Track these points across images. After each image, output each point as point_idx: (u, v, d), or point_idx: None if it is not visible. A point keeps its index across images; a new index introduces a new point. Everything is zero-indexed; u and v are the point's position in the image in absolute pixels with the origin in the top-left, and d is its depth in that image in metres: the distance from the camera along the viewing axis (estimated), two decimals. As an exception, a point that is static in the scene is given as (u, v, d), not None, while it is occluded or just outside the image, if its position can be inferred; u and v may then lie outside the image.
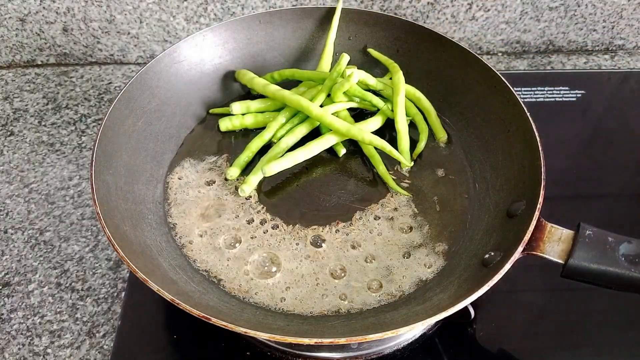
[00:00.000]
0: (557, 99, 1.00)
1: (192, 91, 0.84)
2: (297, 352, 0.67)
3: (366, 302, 0.66)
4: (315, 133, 0.81)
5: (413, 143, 0.81)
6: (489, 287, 0.56)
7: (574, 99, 1.00)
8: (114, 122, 0.72)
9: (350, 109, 0.84)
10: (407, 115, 0.83)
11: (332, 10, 0.88)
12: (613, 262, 0.57)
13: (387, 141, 0.81)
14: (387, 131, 0.84)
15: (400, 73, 0.83)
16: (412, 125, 0.84)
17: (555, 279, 0.61)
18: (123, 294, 0.75)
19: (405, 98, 0.83)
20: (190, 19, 1.04)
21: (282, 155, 0.77)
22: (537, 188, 0.64)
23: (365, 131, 0.77)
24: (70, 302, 0.75)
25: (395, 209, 0.75)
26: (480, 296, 0.56)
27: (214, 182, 0.77)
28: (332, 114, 0.80)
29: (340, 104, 0.82)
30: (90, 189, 0.64)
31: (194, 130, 0.83)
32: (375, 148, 0.79)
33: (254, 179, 0.76)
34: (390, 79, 0.86)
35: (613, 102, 1.00)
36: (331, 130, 0.79)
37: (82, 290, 0.76)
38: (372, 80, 0.83)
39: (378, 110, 0.83)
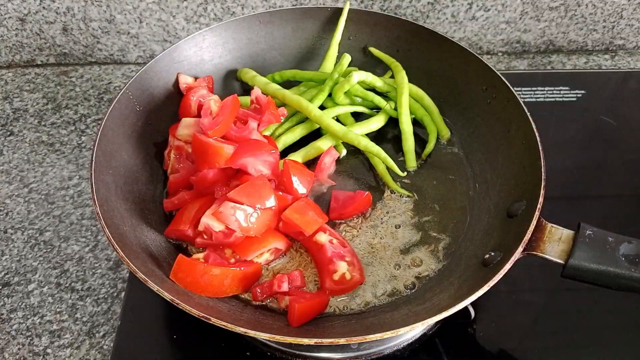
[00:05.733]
0: (557, 99, 1.00)
1: (192, 91, 0.84)
2: (297, 352, 0.67)
3: (366, 302, 0.66)
4: (315, 132, 0.82)
5: (417, 141, 0.81)
6: (489, 287, 0.56)
7: (574, 99, 1.00)
8: (114, 122, 0.72)
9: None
10: (415, 116, 0.83)
11: (332, 11, 0.88)
12: (613, 262, 0.57)
13: (391, 139, 0.81)
14: (391, 130, 0.84)
15: (403, 72, 0.83)
16: (416, 124, 0.84)
17: (555, 279, 0.61)
18: (123, 294, 0.75)
19: (410, 98, 0.83)
20: (190, 19, 1.04)
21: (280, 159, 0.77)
22: (537, 188, 0.64)
23: (362, 137, 0.77)
24: (70, 302, 0.75)
25: (395, 208, 0.75)
26: (480, 296, 0.56)
27: (214, 182, 0.77)
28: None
29: (344, 107, 0.82)
30: (90, 189, 0.64)
31: (194, 130, 0.83)
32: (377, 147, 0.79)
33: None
34: (391, 77, 0.86)
35: (613, 102, 1.00)
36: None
37: (82, 290, 0.76)
38: (379, 83, 0.83)
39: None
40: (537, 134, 0.69)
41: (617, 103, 1.00)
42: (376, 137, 0.83)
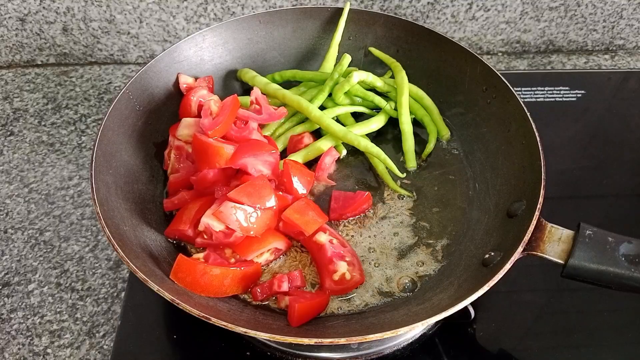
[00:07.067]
0: (557, 99, 1.00)
1: (192, 91, 0.84)
2: (297, 352, 0.67)
3: (366, 302, 0.66)
4: (316, 132, 0.82)
5: (417, 141, 0.82)
6: (489, 287, 0.56)
7: (574, 99, 1.00)
8: (114, 122, 0.72)
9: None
10: (415, 117, 0.83)
11: (332, 10, 0.88)
12: (613, 262, 0.57)
13: (391, 139, 0.80)
14: (391, 130, 0.84)
15: (403, 72, 0.83)
16: (416, 124, 0.84)
17: (555, 279, 0.61)
18: (123, 294, 0.75)
19: (410, 98, 0.83)
20: (190, 19, 1.04)
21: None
22: (537, 188, 0.64)
23: (362, 137, 0.77)
24: (70, 302, 0.75)
25: (395, 209, 0.75)
26: (480, 296, 0.56)
27: (214, 182, 0.77)
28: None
29: (344, 107, 0.82)
30: (90, 189, 0.64)
31: (194, 130, 0.83)
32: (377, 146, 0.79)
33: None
34: (391, 77, 0.86)
35: (613, 102, 1.00)
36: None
37: (82, 290, 0.76)
38: (379, 83, 0.83)
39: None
40: (537, 134, 0.69)
41: (617, 103, 1.00)
42: (376, 137, 0.83)
